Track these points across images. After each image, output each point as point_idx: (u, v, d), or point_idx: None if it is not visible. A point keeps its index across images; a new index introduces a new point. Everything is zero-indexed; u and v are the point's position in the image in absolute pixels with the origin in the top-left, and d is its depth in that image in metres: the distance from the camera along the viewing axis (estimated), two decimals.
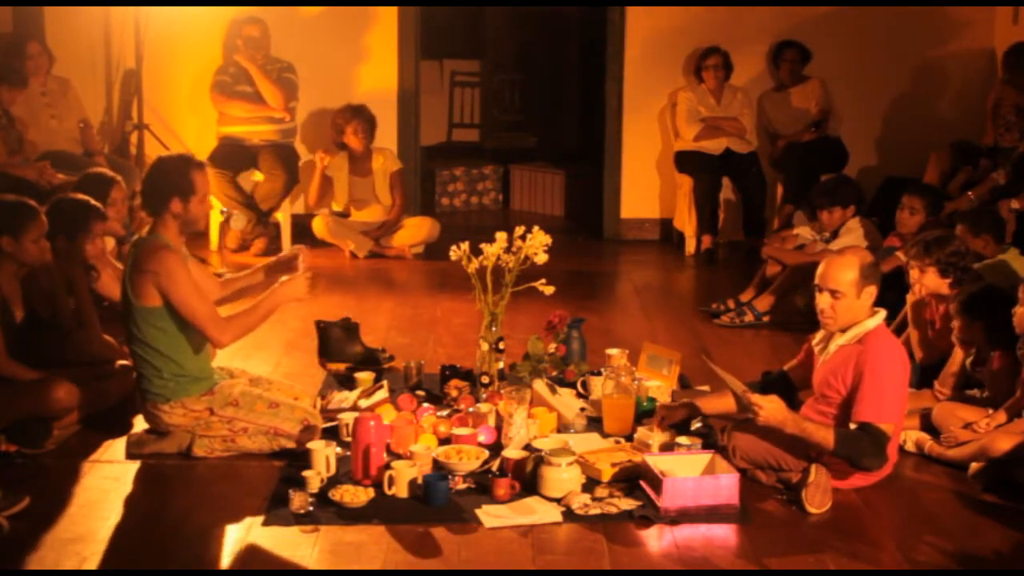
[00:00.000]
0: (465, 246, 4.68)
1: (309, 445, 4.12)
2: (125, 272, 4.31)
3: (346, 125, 7.48)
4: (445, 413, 4.60)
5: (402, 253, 7.53)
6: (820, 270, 4.16)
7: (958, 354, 4.70)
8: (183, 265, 4.23)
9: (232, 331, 4.27)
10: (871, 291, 4.09)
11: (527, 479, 4.00)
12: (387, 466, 3.99)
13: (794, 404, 4.39)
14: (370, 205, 7.59)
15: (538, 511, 3.86)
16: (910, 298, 4.99)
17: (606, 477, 4.04)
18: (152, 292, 4.20)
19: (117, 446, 4.39)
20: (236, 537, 3.71)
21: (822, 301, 4.12)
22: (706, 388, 4.97)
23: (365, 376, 4.94)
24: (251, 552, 3.63)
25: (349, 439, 4.19)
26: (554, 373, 4.98)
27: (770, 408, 3.92)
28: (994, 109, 6.98)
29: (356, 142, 7.49)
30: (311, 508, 3.83)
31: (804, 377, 4.43)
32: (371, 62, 7.97)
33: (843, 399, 4.06)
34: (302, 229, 7.47)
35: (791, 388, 4.43)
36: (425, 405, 4.65)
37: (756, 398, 3.94)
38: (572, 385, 4.94)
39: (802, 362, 4.45)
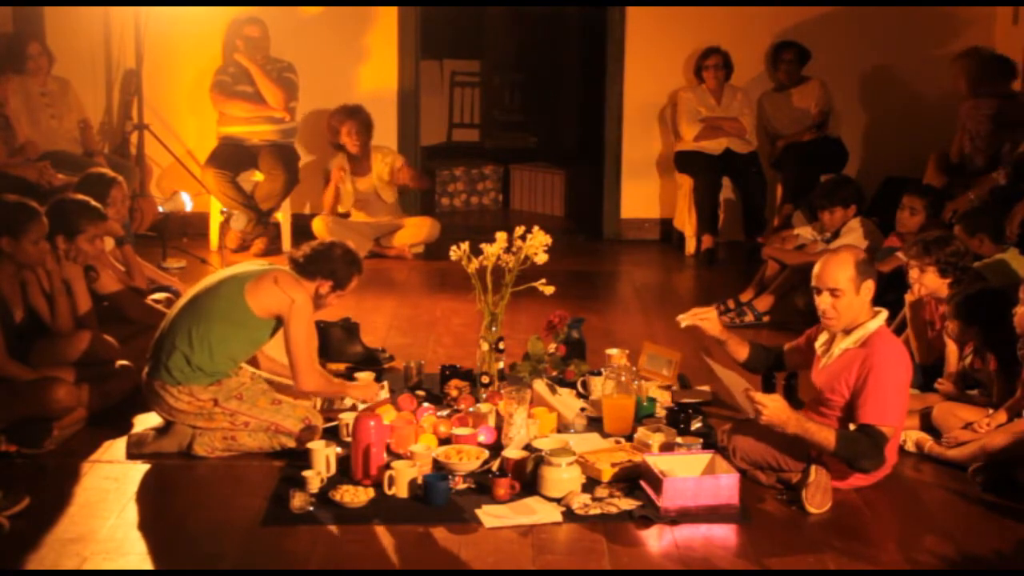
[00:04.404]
0: (465, 246, 4.68)
1: (309, 445, 4.13)
2: (243, 271, 4.43)
3: (340, 126, 7.47)
4: (445, 413, 4.60)
5: (402, 253, 7.54)
6: (816, 271, 4.14)
7: (953, 352, 4.71)
8: (312, 313, 4.45)
9: (316, 384, 4.44)
10: (869, 286, 4.08)
11: (527, 479, 4.00)
12: (387, 466, 3.99)
13: (792, 392, 4.43)
14: (372, 205, 7.59)
15: (538, 511, 3.86)
16: (908, 298, 4.99)
17: (606, 477, 4.04)
18: (267, 306, 4.32)
19: (117, 446, 4.39)
20: (236, 537, 3.71)
21: (822, 302, 4.11)
22: (706, 388, 4.98)
23: (365, 376, 4.94)
24: (251, 552, 3.63)
25: (349, 439, 4.20)
26: (554, 373, 4.98)
27: (773, 408, 3.92)
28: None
29: (352, 144, 7.47)
30: (311, 508, 3.83)
31: (799, 363, 4.47)
32: (371, 62, 7.97)
33: (846, 402, 4.06)
34: (302, 229, 7.46)
35: (781, 367, 4.47)
36: (425, 405, 4.65)
37: (759, 397, 3.94)
38: (572, 385, 4.94)
39: (801, 348, 4.45)
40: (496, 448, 4.29)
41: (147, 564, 3.57)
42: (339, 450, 4.21)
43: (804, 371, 4.51)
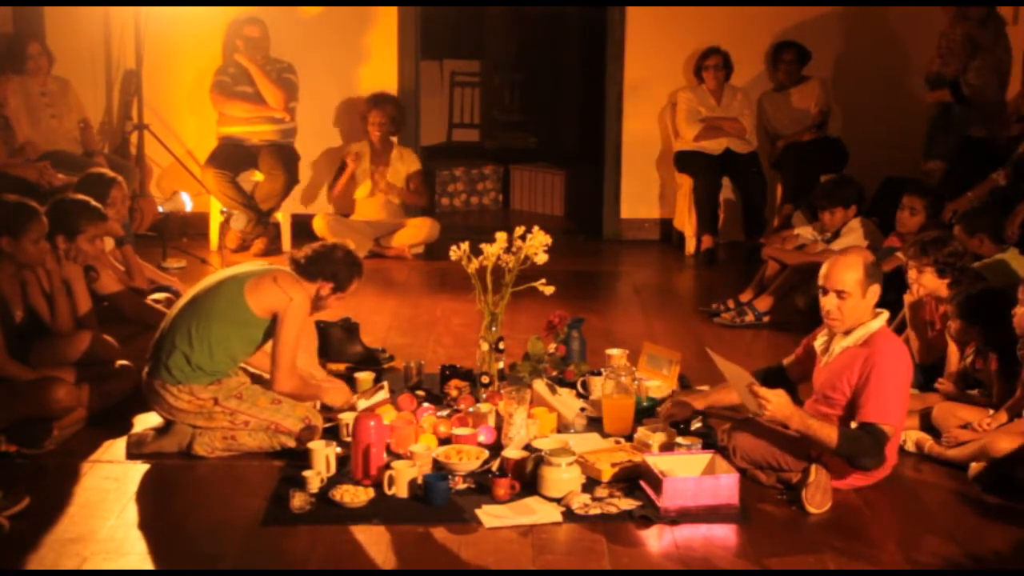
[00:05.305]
0: (465, 246, 4.68)
1: (309, 445, 4.13)
2: (243, 270, 4.44)
3: (367, 113, 7.60)
4: (445, 413, 4.60)
5: (402, 253, 7.54)
6: (824, 271, 4.15)
7: (954, 352, 4.71)
8: (307, 317, 4.48)
9: (292, 386, 4.40)
10: (875, 290, 4.09)
11: (527, 479, 4.00)
12: (387, 466, 3.99)
13: (795, 398, 4.41)
14: (379, 200, 7.59)
15: (538, 511, 3.85)
16: (908, 298, 4.99)
17: (606, 477, 4.04)
18: (267, 304, 4.32)
19: (117, 446, 4.39)
20: (236, 537, 3.71)
21: (828, 303, 4.11)
22: (705, 388, 4.97)
23: (365, 376, 4.94)
24: (251, 552, 3.63)
25: (349, 439, 4.20)
26: (554, 373, 4.98)
27: (777, 403, 3.91)
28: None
29: (372, 132, 7.58)
30: (311, 508, 3.83)
31: (802, 374, 4.45)
32: (371, 62, 7.97)
33: (847, 400, 4.06)
34: (302, 229, 7.47)
35: (788, 383, 4.44)
36: (425, 405, 4.65)
37: (763, 392, 3.93)
38: (572, 385, 4.94)
39: (800, 359, 4.46)
40: (496, 448, 4.29)
41: (147, 564, 3.57)
42: (339, 450, 4.21)
43: None
